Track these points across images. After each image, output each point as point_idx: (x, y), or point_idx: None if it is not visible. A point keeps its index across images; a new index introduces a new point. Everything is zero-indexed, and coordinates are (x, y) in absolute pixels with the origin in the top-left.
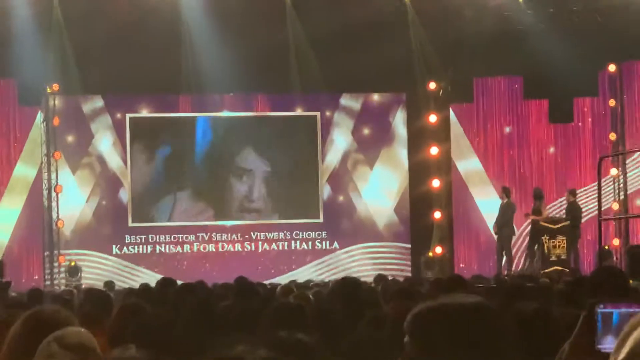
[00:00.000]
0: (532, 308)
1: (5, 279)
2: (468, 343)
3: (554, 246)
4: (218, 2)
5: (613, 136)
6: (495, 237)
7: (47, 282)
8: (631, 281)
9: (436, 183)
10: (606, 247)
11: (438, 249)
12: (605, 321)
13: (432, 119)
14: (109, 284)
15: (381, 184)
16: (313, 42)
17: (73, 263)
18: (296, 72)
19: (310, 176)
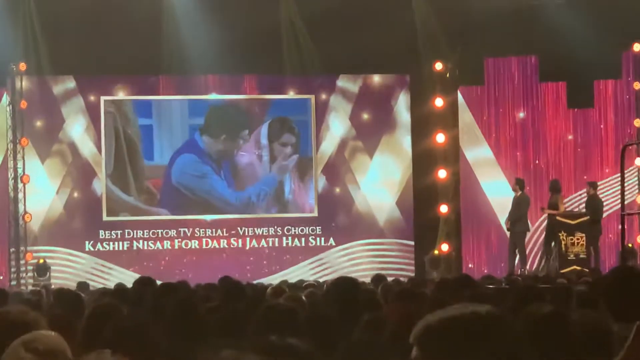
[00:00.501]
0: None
1: None
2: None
3: (572, 244)
4: None
5: (638, 122)
6: (507, 234)
7: (13, 282)
8: None
9: (442, 174)
10: (630, 245)
11: (444, 247)
12: None
13: (439, 103)
14: (82, 285)
15: (382, 175)
16: (307, 18)
17: (41, 261)
18: (288, 51)
19: (303, 166)
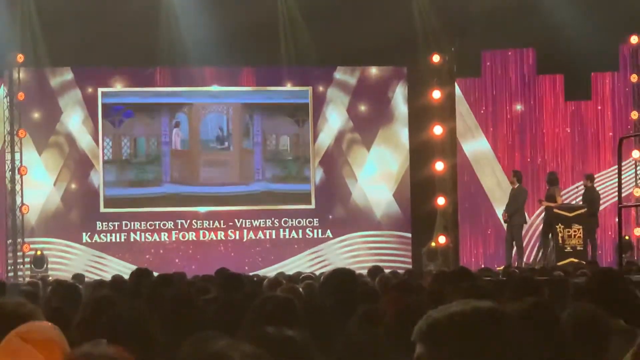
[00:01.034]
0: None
1: None
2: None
3: (570, 236)
4: None
5: (635, 115)
6: (504, 226)
7: (10, 273)
8: None
9: (440, 166)
10: (626, 238)
11: (441, 239)
12: None
13: (436, 95)
14: (78, 277)
15: (379, 167)
16: (304, 9)
17: (39, 252)
18: (286, 43)
19: (301, 158)
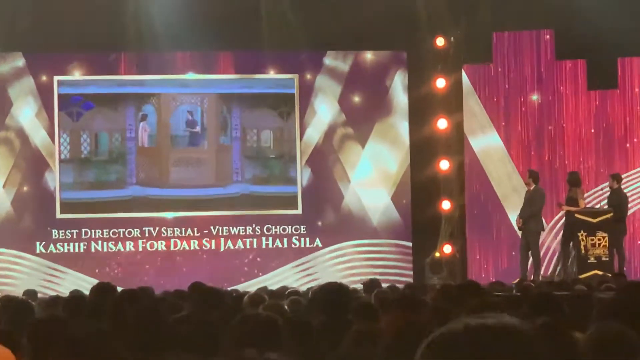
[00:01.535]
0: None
1: None
2: None
3: (593, 245)
4: None
5: None
6: (519, 234)
7: None
8: None
9: (445, 165)
10: None
11: (447, 248)
12: None
13: (440, 84)
14: (30, 293)
15: (375, 166)
16: None
17: None
18: (268, 24)
19: (285, 156)
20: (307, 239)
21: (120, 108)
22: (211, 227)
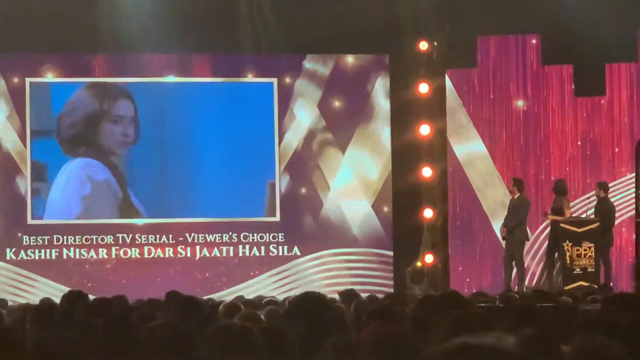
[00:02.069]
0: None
1: None
2: None
3: (579, 255)
4: None
5: None
6: (503, 243)
7: None
8: None
9: (427, 172)
10: None
11: (428, 258)
12: None
13: (423, 89)
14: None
15: (356, 173)
16: None
17: None
18: (247, 27)
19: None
20: (285, 247)
21: None
22: (186, 235)
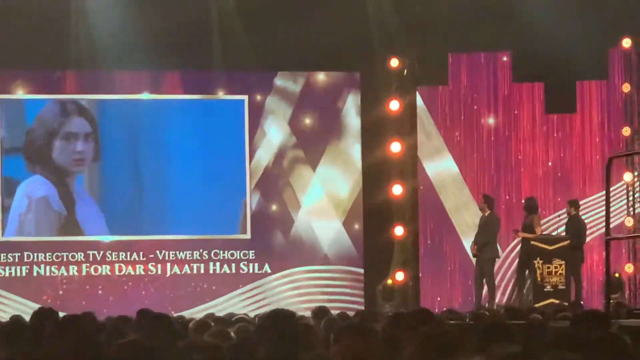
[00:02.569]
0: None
1: None
2: None
3: (550, 273)
4: None
5: (627, 131)
6: (473, 261)
7: None
8: None
9: (398, 190)
10: (617, 275)
11: (399, 276)
12: None
13: (394, 106)
14: None
15: (326, 190)
16: (240, 5)
17: None
18: (218, 44)
19: (234, 179)
20: (256, 265)
21: None
22: (157, 252)
